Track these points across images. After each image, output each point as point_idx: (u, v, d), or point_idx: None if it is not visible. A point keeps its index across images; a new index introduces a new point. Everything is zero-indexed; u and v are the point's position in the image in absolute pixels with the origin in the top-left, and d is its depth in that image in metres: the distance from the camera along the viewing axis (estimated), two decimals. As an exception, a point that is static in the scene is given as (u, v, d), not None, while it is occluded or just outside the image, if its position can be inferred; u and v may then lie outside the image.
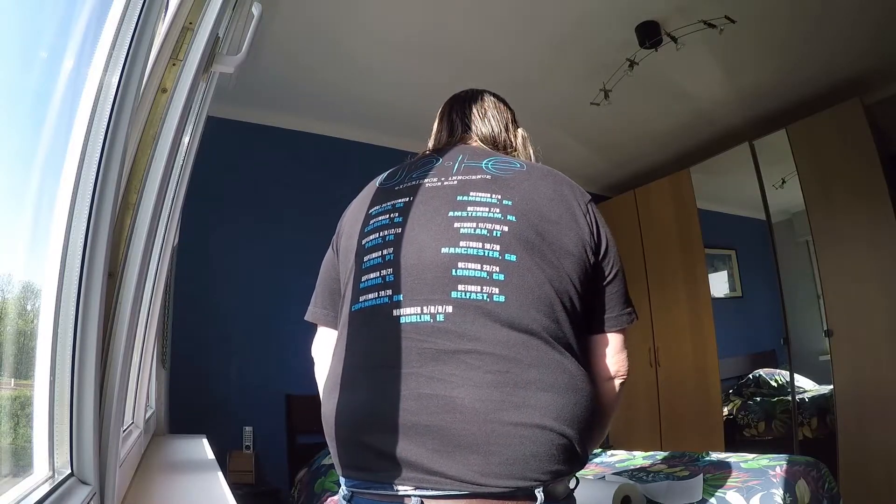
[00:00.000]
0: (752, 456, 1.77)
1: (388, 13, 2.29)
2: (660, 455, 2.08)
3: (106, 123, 0.63)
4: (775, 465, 1.59)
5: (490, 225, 0.82)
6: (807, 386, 2.97)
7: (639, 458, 2.08)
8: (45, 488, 0.59)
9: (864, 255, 2.63)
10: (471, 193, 0.86)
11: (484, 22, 2.37)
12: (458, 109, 1.10)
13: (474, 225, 0.83)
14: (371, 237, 0.87)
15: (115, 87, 0.63)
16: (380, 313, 0.82)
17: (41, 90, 0.65)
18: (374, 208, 0.91)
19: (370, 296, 0.84)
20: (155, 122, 0.79)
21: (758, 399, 3.17)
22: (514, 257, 0.80)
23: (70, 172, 0.62)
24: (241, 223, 2.94)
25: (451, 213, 0.84)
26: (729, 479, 1.56)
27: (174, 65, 0.80)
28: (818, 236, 2.81)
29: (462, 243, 0.81)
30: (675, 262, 3.50)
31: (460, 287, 0.79)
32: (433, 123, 1.16)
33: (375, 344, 0.81)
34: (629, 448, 2.54)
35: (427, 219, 0.85)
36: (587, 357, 0.87)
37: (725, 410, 3.20)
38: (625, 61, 2.56)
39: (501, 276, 0.79)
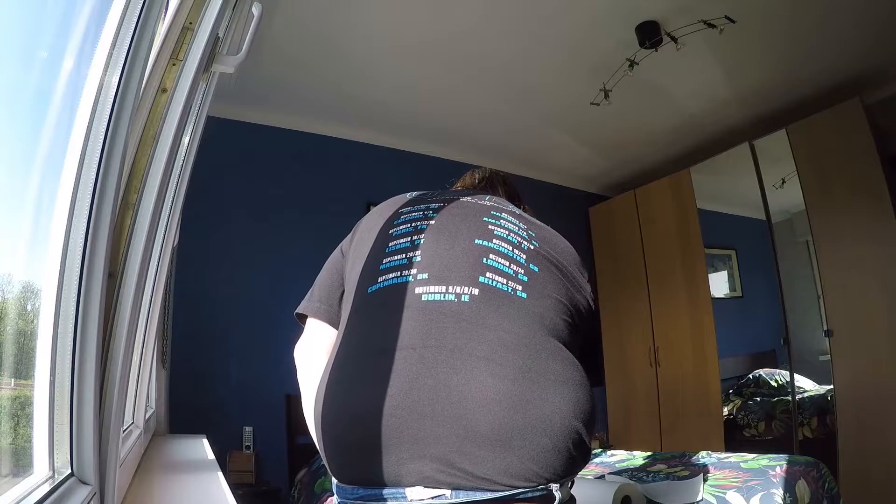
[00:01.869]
0: (752, 456, 1.77)
1: (388, 14, 2.29)
2: (660, 455, 2.08)
3: (106, 123, 0.62)
4: (775, 465, 1.58)
5: (518, 239, 0.88)
6: (807, 386, 2.97)
7: (639, 458, 2.08)
8: (45, 488, 0.59)
9: (864, 255, 2.63)
10: (503, 213, 0.93)
11: (483, 22, 2.37)
12: (479, 171, 1.20)
13: (506, 232, 0.88)
14: (401, 227, 0.90)
15: (115, 87, 0.63)
16: (401, 292, 0.80)
17: (41, 90, 0.65)
18: (406, 208, 0.95)
19: (391, 275, 0.83)
20: (155, 122, 0.79)
21: (758, 399, 3.17)
22: (537, 268, 0.85)
23: (70, 172, 0.62)
24: (241, 223, 2.94)
25: (484, 219, 0.90)
26: (729, 479, 1.56)
27: (174, 65, 0.80)
28: (818, 236, 2.81)
29: (495, 241, 0.86)
30: (675, 262, 3.50)
31: (488, 275, 0.81)
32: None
33: (391, 324, 0.78)
34: (629, 448, 2.54)
35: (461, 218, 0.90)
36: None
37: (725, 410, 3.20)
38: (625, 61, 2.56)
39: (525, 279, 0.82)
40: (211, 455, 1.62)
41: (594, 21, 2.38)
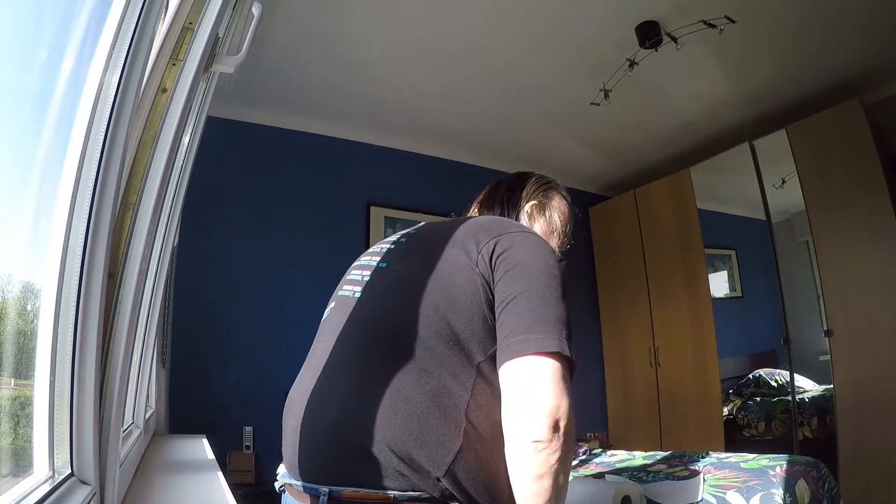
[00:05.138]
0: (752, 456, 1.77)
1: (387, 14, 2.29)
2: (660, 455, 2.07)
3: (106, 123, 0.63)
4: (775, 465, 1.58)
5: (386, 246, 0.92)
6: (807, 386, 2.97)
7: (639, 458, 2.08)
8: (45, 488, 0.59)
9: (864, 255, 2.63)
10: (415, 228, 0.97)
11: (483, 22, 2.37)
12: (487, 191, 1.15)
13: (380, 247, 0.94)
14: None
15: (115, 87, 0.63)
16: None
17: (41, 90, 0.65)
18: None
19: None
20: (155, 122, 0.79)
21: (758, 399, 3.17)
22: (385, 265, 0.87)
23: (70, 172, 0.62)
24: (241, 223, 2.94)
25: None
26: (729, 479, 1.56)
27: (174, 65, 0.80)
28: (818, 236, 2.81)
29: (364, 257, 0.94)
30: (675, 262, 3.50)
31: (345, 287, 0.89)
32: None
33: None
34: (629, 448, 2.54)
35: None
36: (484, 380, 0.75)
37: (725, 410, 3.20)
38: (625, 61, 2.56)
39: (368, 278, 0.86)
40: (211, 455, 1.62)
41: (594, 21, 2.38)
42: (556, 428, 0.68)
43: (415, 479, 0.69)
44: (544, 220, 1.08)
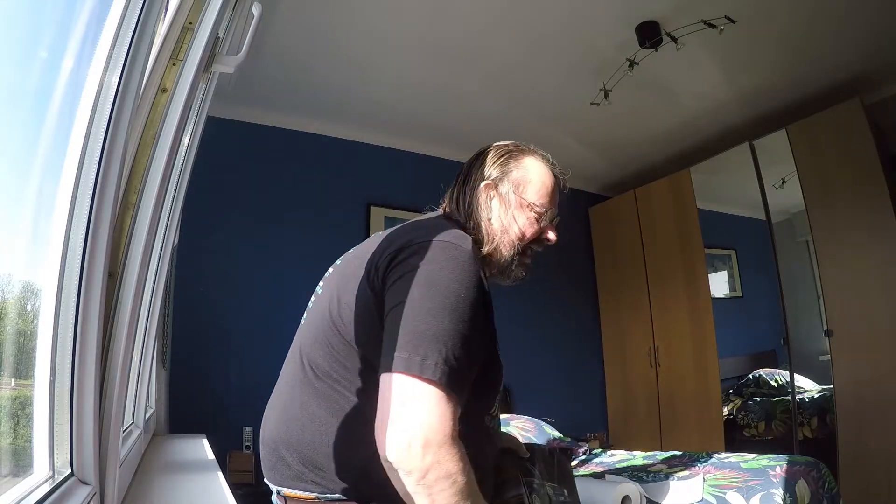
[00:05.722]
0: (752, 456, 1.77)
1: (388, 14, 2.29)
2: (660, 455, 2.08)
3: (106, 123, 0.62)
4: (775, 465, 1.59)
5: (330, 270, 0.97)
6: (807, 386, 2.97)
7: (639, 458, 2.08)
8: (45, 488, 0.59)
9: (864, 255, 2.63)
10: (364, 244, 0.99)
11: (483, 22, 2.37)
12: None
13: (328, 272, 0.98)
14: None
15: (115, 87, 0.63)
16: None
17: (41, 90, 0.65)
18: None
19: None
20: (155, 122, 0.79)
21: (758, 399, 3.17)
22: (321, 290, 0.93)
23: (70, 172, 0.62)
24: (241, 223, 2.94)
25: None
26: (729, 479, 1.56)
27: (174, 65, 0.80)
28: (818, 236, 2.81)
29: (321, 282, 0.97)
30: (675, 262, 3.50)
31: (305, 312, 0.96)
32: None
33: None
34: (629, 448, 2.54)
35: None
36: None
37: (725, 410, 3.20)
38: (625, 61, 2.56)
39: (311, 305, 0.93)
40: (211, 455, 1.62)
41: (594, 21, 2.38)
42: (410, 449, 0.65)
43: (331, 485, 0.79)
44: (500, 202, 0.93)
